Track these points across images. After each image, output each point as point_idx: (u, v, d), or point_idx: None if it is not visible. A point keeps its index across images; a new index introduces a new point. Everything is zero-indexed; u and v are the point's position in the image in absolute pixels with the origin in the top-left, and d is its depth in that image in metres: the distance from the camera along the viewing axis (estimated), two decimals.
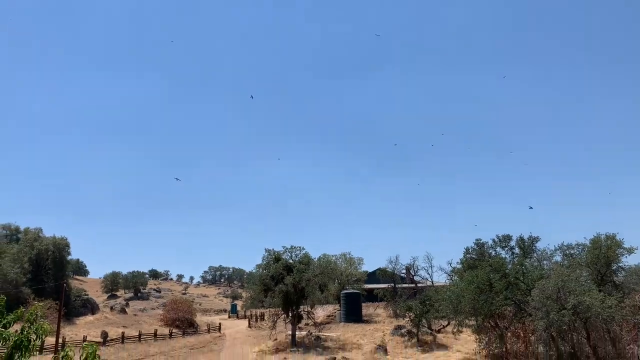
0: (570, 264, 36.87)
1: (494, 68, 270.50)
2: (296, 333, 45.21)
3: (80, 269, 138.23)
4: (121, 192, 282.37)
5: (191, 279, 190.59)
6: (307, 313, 47.83)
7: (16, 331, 4.91)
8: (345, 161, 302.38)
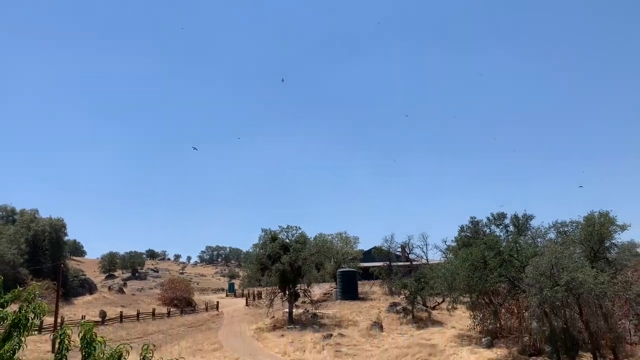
0: (564, 241, 37.16)
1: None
2: (293, 311, 45.67)
3: (78, 250, 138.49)
4: (118, 173, 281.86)
5: (188, 258, 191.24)
6: (304, 291, 48.26)
7: (14, 311, 4.94)
8: (344, 141, 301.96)
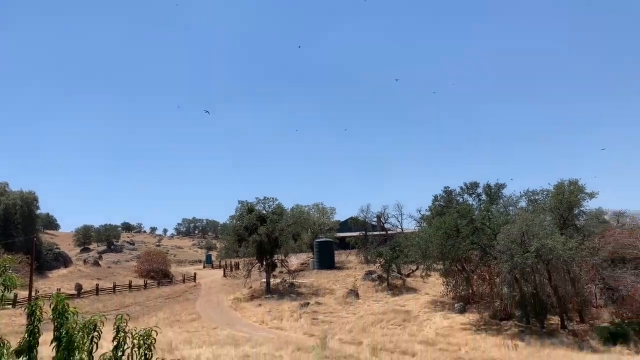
0: (535, 209, 38.19)
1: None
2: (270, 281, 46.15)
3: (51, 223, 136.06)
4: (93, 146, 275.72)
5: (165, 231, 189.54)
6: (281, 261, 48.71)
7: None
8: (322, 110, 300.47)
